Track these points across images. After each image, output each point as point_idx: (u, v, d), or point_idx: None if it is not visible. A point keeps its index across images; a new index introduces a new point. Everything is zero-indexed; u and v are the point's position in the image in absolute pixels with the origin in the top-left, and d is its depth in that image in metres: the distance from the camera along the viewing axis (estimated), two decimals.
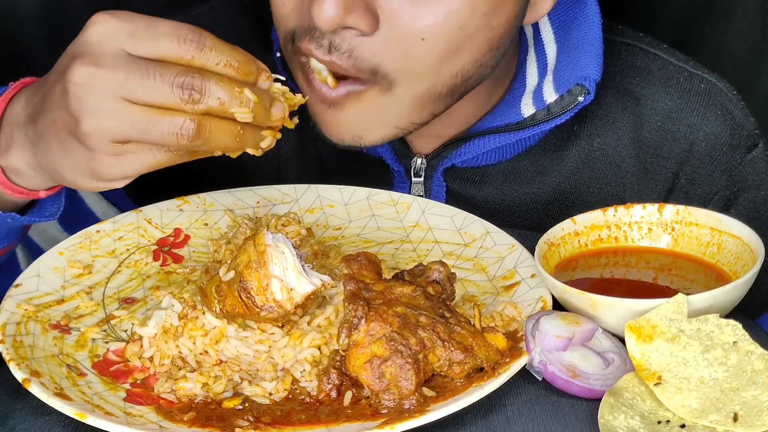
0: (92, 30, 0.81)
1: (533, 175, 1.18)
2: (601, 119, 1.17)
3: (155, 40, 0.81)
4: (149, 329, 0.89)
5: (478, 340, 0.83)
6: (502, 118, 1.13)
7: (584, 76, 1.09)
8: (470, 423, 0.81)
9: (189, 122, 0.80)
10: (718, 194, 1.18)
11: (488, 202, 1.19)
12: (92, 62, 0.80)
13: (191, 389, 0.84)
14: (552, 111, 1.10)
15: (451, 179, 1.19)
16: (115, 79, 0.80)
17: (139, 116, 0.80)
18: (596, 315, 0.88)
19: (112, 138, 0.81)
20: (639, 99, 1.17)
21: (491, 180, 1.19)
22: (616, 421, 0.78)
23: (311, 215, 1.11)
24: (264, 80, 0.85)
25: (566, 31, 1.13)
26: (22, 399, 0.83)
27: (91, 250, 1.02)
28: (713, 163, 1.17)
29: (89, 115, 0.80)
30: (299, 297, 0.85)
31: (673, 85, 1.17)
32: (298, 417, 0.80)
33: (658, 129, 1.17)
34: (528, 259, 0.99)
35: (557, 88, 1.11)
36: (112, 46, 0.80)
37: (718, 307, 0.85)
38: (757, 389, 0.78)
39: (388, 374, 0.81)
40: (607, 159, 1.18)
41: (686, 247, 0.97)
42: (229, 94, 0.81)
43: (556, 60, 1.13)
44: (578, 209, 1.16)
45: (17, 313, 0.91)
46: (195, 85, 0.80)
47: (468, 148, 1.15)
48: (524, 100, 1.13)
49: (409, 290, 0.85)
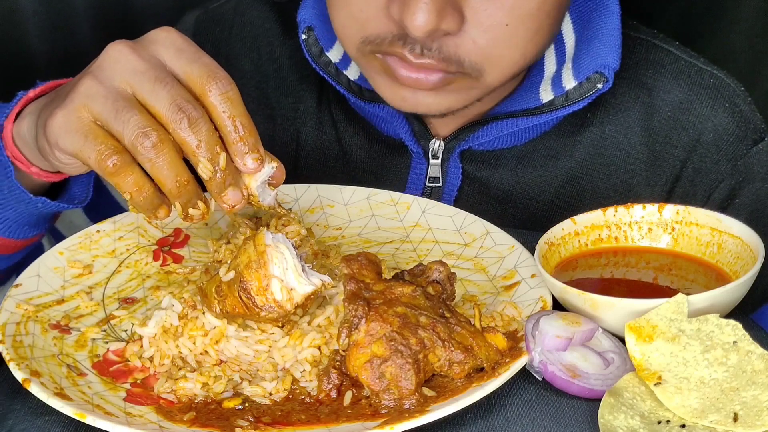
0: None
1: (546, 159, 1.21)
2: (613, 107, 1.20)
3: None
4: (149, 329, 0.89)
5: (478, 340, 0.83)
6: (521, 103, 1.16)
7: (603, 64, 1.11)
8: (470, 423, 0.81)
9: (156, 135, 0.81)
10: (723, 183, 1.20)
11: (502, 184, 1.21)
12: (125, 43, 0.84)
13: (191, 389, 0.84)
14: (570, 97, 1.13)
15: (467, 161, 1.21)
16: (133, 66, 0.82)
17: (125, 102, 0.81)
18: (596, 315, 0.88)
19: (89, 103, 0.82)
20: (651, 90, 1.20)
21: (506, 163, 1.21)
22: (616, 421, 0.78)
23: (311, 215, 1.11)
24: (251, 161, 0.84)
25: (585, 22, 1.16)
26: (21, 399, 0.83)
27: (91, 250, 1.02)
28: (719, 152, 1.19)
29: (93, 77, 0.83)
30: (299, 297, 0.85)
31: (684, 78, 1.20)
32: (298, 417, 0.80)
33: (669, 119, 1.19)
34: (528, 259, 0.99)
35: (576, 76, 1.13)
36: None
37: (718, 307, 0.85)
38: (757, 389, 0.78)
39: (388, 374, 0.81)
40: (618, 146, 1.20)
41: (686, 247, 0.97)
42: (211, 145, 0.82)
43: (575, 48, 1.15)
44: (588, 193, 1.19)
45: (17, 313, 0.91)
46: (190, 115, 0.81)
47: (486, 131, 1.17)
48: (543, 86, 1.15)
49: (409, 290, 0.85)
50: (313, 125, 1.26)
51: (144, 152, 0.81)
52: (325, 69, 1.17)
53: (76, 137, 0.83)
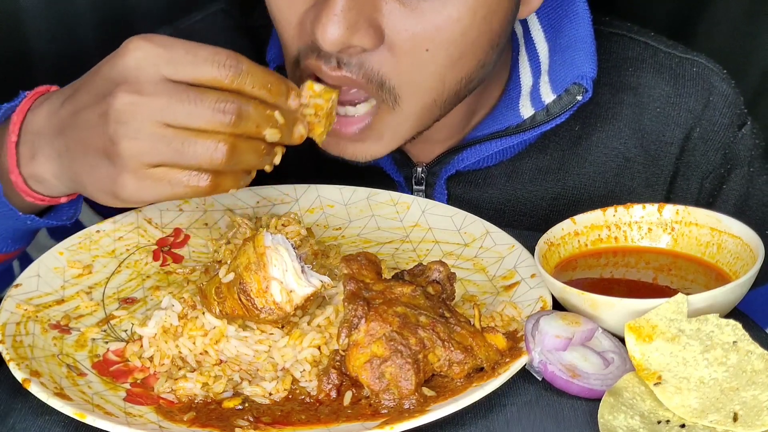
0: (130, 56, 0.84)
1: (535, 173, 1.19)
2: (599, 116, 1.18)
3: (194, 66, 0.83)
4: (149, 329, 0.89)
5: (478, 340, 0.83)
6: (501, 122, 1.14)
7: (580, 74, 1.09)
8: (470, 423, 0.81)
9: (222, 144, 0.83)
10: (713, 173, 1.19)
11: (492, 203, 1.19)
12: (134, 90, 0.83)
13: (191, 389, 0.84)
14: (551, 111, 1.11)
15: (454, 184, 1.19)
16: (157, 105, 0.82)
17: (175, 139, 0.82)
18: (596, 315, 0.88)
19: (146, 160, 0.83)
20: (636, 89, 1.18)
21: (494, 181, 1.19)
22: (616, 420, 0.78)
23: (311, 215, 1.11)
24: (293, 99, 0.88)
25: (556, 30, 1.14)
26: (22, 399, 0.83)
27: (91, 250, 1.02)
28: (707, 143, 1.18)
29: (128, 138, 0.83)
30: (299, 299, 0.85)
31: (667, 71, 1.18)
32: (298, 417, 0.80)
33: (658, 115, 1.18)
34: (528, 259, 0.99)
35: (554, 89, 1.11)
36: (152, 72, 0.83)
37: (718, 307, 0.85)
38: (757, 389, 0.78)
39: (388, 374, 0.81)
40: (612, 152, 1.18)
41: (686, 247, 0.97)
42: (264, 117, 0.85)
43: (549, 59, 1.13)
44: (585, 203, 1.17)
45: (17, 313, 0.91)
46: (234, 109, 0.83)
47: (469, 153, 1.15)
48: (522, 101, 1.13)
49: (409, 290, 0.85)
50: (292, 155, 1.23)
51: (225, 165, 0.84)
52: None
53: (159, 189, 0.84)
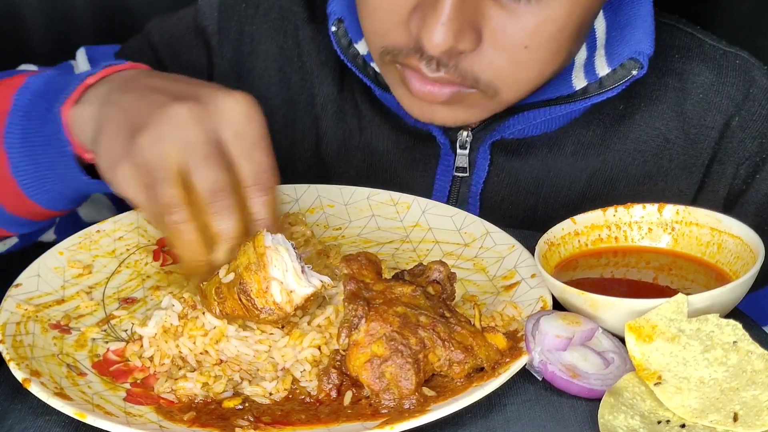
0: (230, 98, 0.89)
1: (577, 146, 1.21)
2: (644, 97, 1.20)
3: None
4: (149, 329, 0.89)
5: (478, 340, 0.83)
6: (553, 91, 1.16)
7: (638, 50, 1.12)
8: (470, 423, 0.81)
9: (183, 211, 0.85)
10: (749, 160, 1.20)
11: (532, 173, 1.21)
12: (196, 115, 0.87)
13: (191, 389, 0.84)
14: (604, 84, 1.13)
15: (497, 151, 1.21)
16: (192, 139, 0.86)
17: (165, 171, 0.85)
18: (596, 315, 0.88)
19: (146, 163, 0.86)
20: (681, 74, 1.21)
21: (536, 151, 1.21)
22: (616, 420, 0.78)
23: (311, 215, 1.11)
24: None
25: (616, 8, 1.16)
26: (21, 399, 0.83)
27: (91, 250, 1.02)
28: (745, 131, 1.20)
29: (150, 136, 0.86)
30: (299, 299, 0.85)
31: (711, 61, 1.21)
32: (298, 417, 0.80)
33: (701, 101, 1.20)
34: (528, 259, 0.99)
35: (609, 62, 1.13)
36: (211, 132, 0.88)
37: (718, 307, 0.85)
38: (757, 389, 0.78)
39: (388, 374, 0.81)
40: (653, 131, 1.20)
41: (686, 247, 0.97)
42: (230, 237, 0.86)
43: (607, 35, 1.15)
44: (622, 181, 1.19)
45: (17, 313, 0.91)
46: (222, 204, 0.85)
47: (517, 120, 1.17)
48: (575, 73, 1.15)
49: (409, 290, 0.85)
50: (333, 113, 1.26)
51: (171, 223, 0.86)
52: (352, 61, 1.17)
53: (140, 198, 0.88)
